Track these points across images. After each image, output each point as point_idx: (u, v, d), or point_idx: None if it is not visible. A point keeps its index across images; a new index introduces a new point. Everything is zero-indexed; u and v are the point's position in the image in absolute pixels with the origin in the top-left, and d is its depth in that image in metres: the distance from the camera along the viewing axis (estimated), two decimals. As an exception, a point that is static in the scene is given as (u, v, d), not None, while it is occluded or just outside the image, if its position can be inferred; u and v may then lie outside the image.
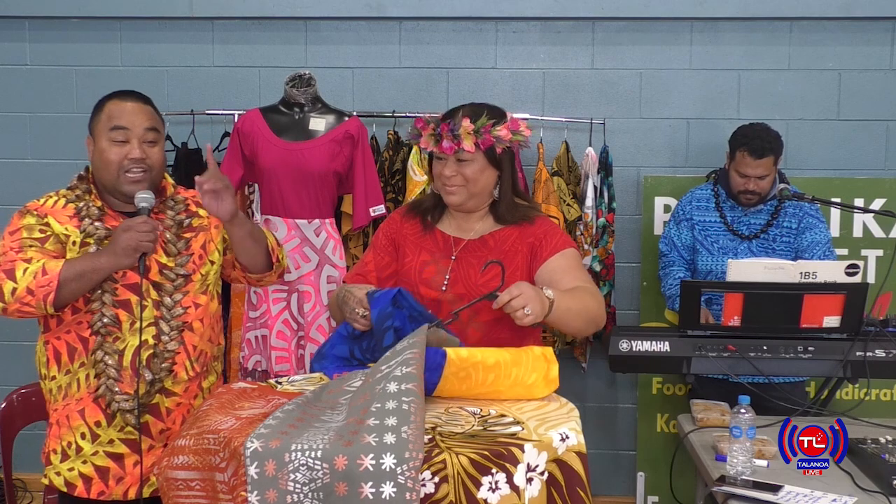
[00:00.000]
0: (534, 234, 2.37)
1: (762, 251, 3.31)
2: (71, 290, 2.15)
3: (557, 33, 4.01)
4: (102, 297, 2.21)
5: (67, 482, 2.25)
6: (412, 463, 1.62)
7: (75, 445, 2.25)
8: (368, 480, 1.62)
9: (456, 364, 2.00)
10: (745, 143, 3.25)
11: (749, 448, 2.32)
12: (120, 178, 2.24)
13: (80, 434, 2.24)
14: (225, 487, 1.77)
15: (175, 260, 2.29)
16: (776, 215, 3.33)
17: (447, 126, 2.28)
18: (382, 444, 1.64)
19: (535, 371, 2.04)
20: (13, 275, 2.12)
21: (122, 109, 2.25)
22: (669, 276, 3.46)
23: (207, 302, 2.35)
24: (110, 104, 2.27)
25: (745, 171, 3.25)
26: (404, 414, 1.70)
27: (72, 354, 2.24)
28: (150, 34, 4.08)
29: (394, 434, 1.65)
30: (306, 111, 3.60)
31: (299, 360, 3.52)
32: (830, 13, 3.87)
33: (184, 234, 2.33)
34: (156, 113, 2.32)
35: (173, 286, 2.28)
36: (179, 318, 2.28)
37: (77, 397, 2.24)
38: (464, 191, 2.33)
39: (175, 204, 2.36)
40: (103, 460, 2.24)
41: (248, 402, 1.99)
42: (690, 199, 3.48)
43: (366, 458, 1.62)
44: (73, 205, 2.28)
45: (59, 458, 2.27)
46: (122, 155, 2.22)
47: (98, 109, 2.29)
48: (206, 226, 2.38)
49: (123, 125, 2.23)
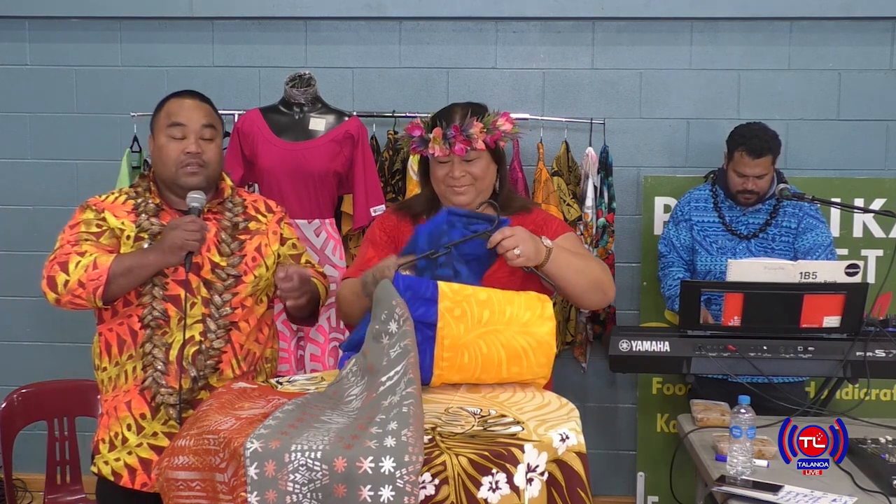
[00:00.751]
0: (533, 221, 2.38)
1: (761, 251, 3.31)
2: (120, 285, 2.20)
3: (557, 33, 4.01)
4: (153, 291, 2.26)
5: (114, 472, 2.30)
6: (411, 467, 1.62)
7: (122, 436, 2.29)
8: (367, 483, 1.62)
9: (449, 297, 2.02)
10: (742, 142, 3.25)
11: (749, 448, 2.32)
12: (178, 173, 2.30)
13: (126, 425, 2.28)
14: (225, 488, 1.77)
15: (228, 260, 2.32)
16: (775, 215, 3.33)
17: (457, 128, 2.27)
18: (382, 448, 1.64)
19: (529, 309, 2.06)
20: (66, 267, 2.19)
21: (181, 106, 2.33)
22: (669, 276, 3.46)
23: (253, 304, 2.37)
24: (170, 102, 2.35)
25: (743, 170, 3.25)
26: (403, 417, 1.70)
27: (121, 346, 2.28)
28: (150, 34, 4.08)
29: (394, 437, 1.65)
30: (306, 111, 3.60)
31: (299, 361, 3.52)
32: (830, 13, 3.87)
33: (239, 235, 2.37)
34: (214, 112, 2.39)
35: (223, 286, 2.31)
36: (227, 317, 2.30)
37: (125, 389, 2.28)
38: (472, 189, 2.33)
39: (233, 206, 2.40)
40: (147, 452, 2.28)
41: (248, 402, 1.99)
42: (689, 199, 3.49)
43: (365, 461, 1.62)
44: (132, 201, 2.34)
45: (107, 448, 2.31)
46: (179, 150, 2.29)
47: (158, 108, 2.37)
48: (264, 230, 2.42)
49: (181, 121, 2.30)
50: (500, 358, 2.04)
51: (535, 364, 2.07)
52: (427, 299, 2.02)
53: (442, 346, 2.01)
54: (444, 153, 2.28)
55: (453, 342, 2.02)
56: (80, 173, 4.16)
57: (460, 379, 2.06)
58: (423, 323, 2.00)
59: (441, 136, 2.27)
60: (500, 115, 2.32)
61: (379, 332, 1.95)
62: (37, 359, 4.20)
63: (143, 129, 3.94)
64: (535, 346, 2.06)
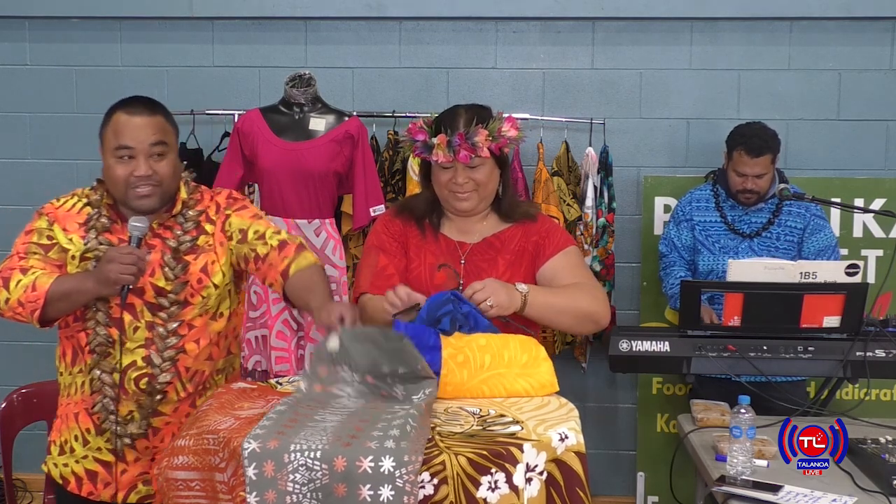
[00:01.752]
0: (537, 232, 2.37)
1: (763, 250, 3.31)
2: (57, 309, 2.13)
3: (557, 33, 4.01)
4: (96, 316, 2.19)
5: (62, 476, 2.29)
6: (411, 466, 1.62)
7: (70, 445, 2.28)
8: (367, 482, 1.62)
9: (452, 344, 2.03)
10: (742, 142, 3.25)
11: (749, 448, 2.32)
12: (128, 194, 2.18)
13: (73, 435, 2.27)
14: (225, 487, 1.77)
15: (171, 285, 2.19)
16: (777, 213, 3.34)
17: (462, 135, 2.23)
18: (382, 448, 1.64)
19: (525, 352, 2.07)
20: (7, 284, 2.14)
21: (128, 125, 2.18)
22: (670, 275, 3.46)
23: (205, 323, 2.24)
24: (117, 117, 2.20)
25: (742, 170, 3.26)
26: (404, 430, 1.71)
27: (74, 358, 2.25)
28: (150, 34, 4.08)
29: (394, 441, 1.65)
30: (306, 111, 3.59)
31: (299, 361, 3.52)
32: (830, 13, 3.87)
33: (185, 256, 2.22)
34: (166, 122, 2.24)
35: (167, 314, 2.20)
36: (173, 346, 2.20)
37: (75, 400, 2.26)
38: (475, 196, 2.31)
39: (185, 221, 2.24)
40: (92, 464, 2.26)
41: (247, 402, 1.99)
42: (690, 199, 3.48)
43: (365, 461, 1.62)
44: (87, 209, 2.25)
45: (57, 451, 2.30)
46: (128, 171, 2.16)
47: (106, 121, 2.23)
48: (212, 245, 2.25)
49: (128, 144, 2.16)
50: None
51: None
52: (430, 347, 2.02)
53: (445, 392, 2.01)
54: (448, 160, 2.25)
55: (455, 388, 2.02)
56: (80, 173, 4.15)
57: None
58: None
59: (445, 142, 2.24)
60: (504, 121, 2.29)
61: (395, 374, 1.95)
62: (37, 359, 4.20)
63: (143, 129, 3.96)
64: (538, 387, 2.07)
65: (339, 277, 3.53)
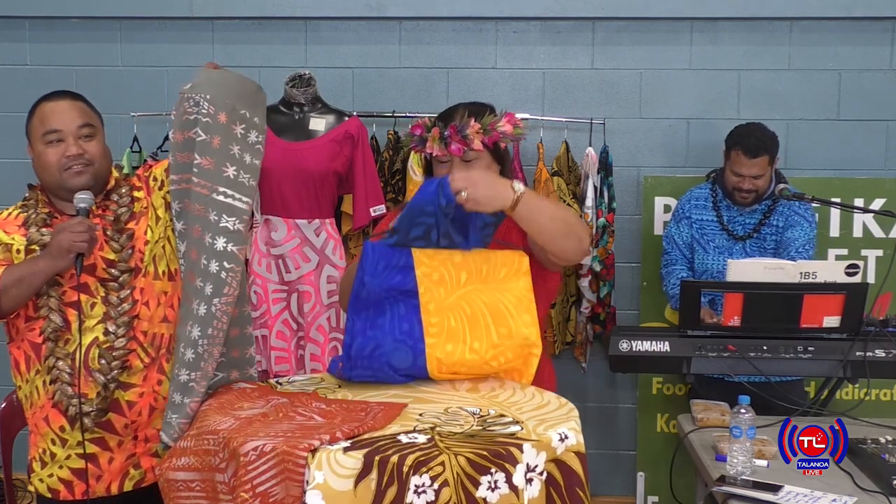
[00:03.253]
0: None
1: (756, 251, 3.31)
2: (12, 297, 2.14)
3: (557, 33, 4.01)
4: (49, 303, 2.19)
5: (50, 488, 2.26)
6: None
7: (49, 451, 2.26)
8: None
9: (425, 263, 2.02)
10: (739, 142, 3.26)
11: (749, 448, 2.32)
12: (62, 176, 2.24)
13: (50, 440, 2.25)
14: (225, 488, 1.77)
15: (119, 255, 2.25)
16: (768, 215, 3.34)
17: (454, 128, 2.24)
18: None
19: (505, 265, 2.05)
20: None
21: (53, 110, 2.27)
22: (671, 274, 3.46)
23: (149, 283, 2.27)
24: (41, 107, 2.29)
25: (739, 170, 3.26)
26: None
27: (28, 363, 2.24)
28: (150, 34, 4.08)
29: None
30: (306, 111, 3.60)
31: (299, 361, 3.52)
32: (830, 13, 3.87)
33: (127, 225, 2.28)
34: (89, 108, 2.33)
35: (118, 283, 2.23)
36: (127, 312, 2.23)
37: (39, 405, 2.25)
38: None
39: (119, 197, 2.31)
40: (77, 462, 2.23)
41: (247, 402, 1.99)
42: (689, 197, 3.49)
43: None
44: (23, 214, 2.29)
45: (39, 466, 2.28)
46: (59, 154, 2.24)
47: (31, 115, 2.31)
48: (146, 206, 2.32)
49: (56, 127, 2.24)
50: (485, 318, 2.04)
51: (522, 324, 2.06)
52: (402, 267, 2.01)
53: (428, 311, 2.00)
54: (441, 153, 2.26)
55: (438, 306, 2.01)
56: (80, 173, 4.16)
57: (452, 348, 2.04)
58: (403, 291, 2.00)
59: (438, 135, 2.26)
60: (503, 117, 2.29)
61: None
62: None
63: (144, 129, 3.96)
64: (515, 302, 2.05)
65: (339, 277, 3.53)
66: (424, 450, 1.70)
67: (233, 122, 2.03)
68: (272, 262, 3.52)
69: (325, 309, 3.52)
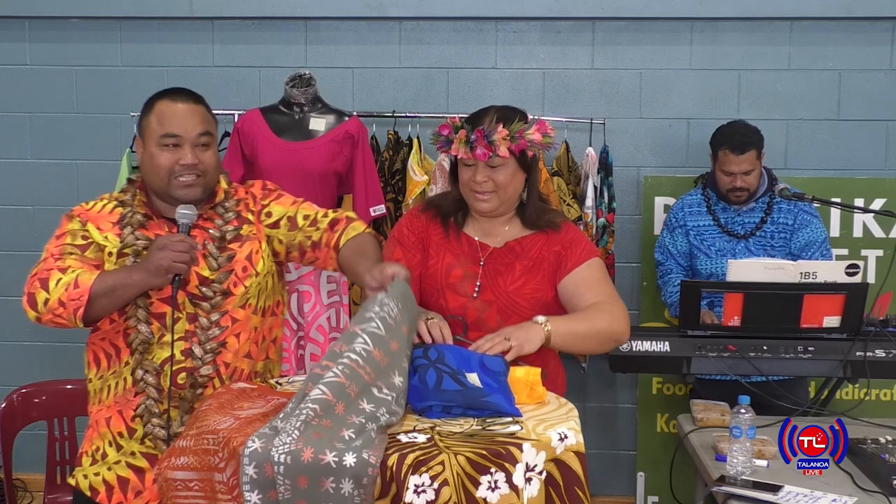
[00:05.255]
0: (560, 241, 2.33)
1: (759, 249, 3.31)
2: (101, 306, 2.04)
3: (557, 33, 4.01)
4: (137, 314, 2.11)
5: (92, 486, 2.18)
6: (373, 460, 1.65)
7: (103, 451, 2.19)
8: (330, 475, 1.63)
9: None
10: (724, 140, 3.27)
11: (749, 448, 2.32)
12: (171, 184, 2.13)
13: (107, 441, 2.19)
14: (224, 488, 1.77)
15: (216, 275, 2.14)
16: (769, 212, 3.33)
17: (481, 132, 2.21)
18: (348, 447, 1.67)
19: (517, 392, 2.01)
20: (47, 285, 2.05)
21: (174, 113, 2.14)
22: (668, 283, 3.44)
23: (246, 317, 2.18)
24: (161, 105, 2.16)
25: (729, 168, 3.26)
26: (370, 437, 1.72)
27: (108, 360, 2.17)
28: (150, 34, 4.08)
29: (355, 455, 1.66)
30: (306, 111, 3.60)
31: (299, 361, 3.52)
32: (830, 13, 3.87)
33: (229, 245, 2.18)
34: (209, 113, 2.21)
35: (210, 304, 2.13)
36: (215, 339, 2.14)
37: (106, 404, 2.18)
38: (495, 197, 2.28)
39: (225, 212, 2.20)
40: (124, 471, 2.17)
41: (247, 402, 1.99)
42: (682, 205, 3.48)
43: (329, 455, 1.64)
44: (119, 209, 2.18)
45: (89, 462, 2.21)
46: (173, 160, 2.12)
47: (148, 110, 2.17)
48: (256, 233, 2.22)
49: (175, 132, 2.12)
50: None
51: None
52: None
53: None
54: (466, 155, 2.23)
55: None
56: (80, 173, 4.16)
57: None
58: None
59: (465, 137, 2.23)
60: (534, 124, 2.27)
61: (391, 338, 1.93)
62: (37, 359, 4.21)
63: (143, 129, 3.96)
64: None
65: (339, 277, 3.53)
66: (424, 449, 1.70)
67: (408, 343, 1.96)
68: (272, 262, 3.52)
69: (325, 309, 3.52)
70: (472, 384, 1.92)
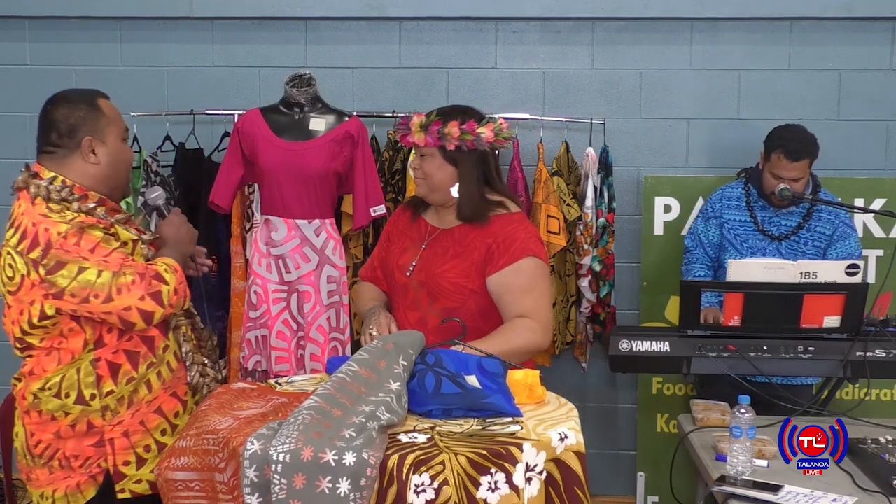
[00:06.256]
0: (493, 235, 2.43)
1: (791, 253, 3.25)
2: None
3: (557, 33, 4.01)
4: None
5: (151, 483, 2.15)
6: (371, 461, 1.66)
7: (155, 445, 2.18)
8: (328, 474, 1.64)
9: None
10: (781, 144, 3.18)
11: (749, 448, 2.32)
12: (129, 176, 2.34)
13: (159, 432, 2.18)
14: (224, 488, 1.77)
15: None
16: (808, 218, 3.28)
17: (406, 121, 2.45)
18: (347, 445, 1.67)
19: (517, 394, 2.04)
20: (162, 277, 2.09)
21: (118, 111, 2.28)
22: (690, 272, 3.40)
23: None
24: (105, 103, 2.24)
25: (780, 172, 3.20)
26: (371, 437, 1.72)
27: (135, 360, 2.15)
28: (150, 34, 4.08)
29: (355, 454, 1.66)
30: (306, 111, 3.59)
31: (299, 361, 3.52)
32: (830, 13, 3.87)
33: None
34: None
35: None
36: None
37: (147, 399, 2.18)
38: (424, 184, 2.47)
39: None
40: None
41: (247, 402, 1.99)
42: (721, 196, 3.44)
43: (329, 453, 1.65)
44: (105, 220, 2.16)
45: (134, 468, 2.17)
46: (131, 153, 2.33)
47: (94, 109, 2.20)
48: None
49: (125, 126, 2.29)
50: None
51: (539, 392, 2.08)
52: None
53: None
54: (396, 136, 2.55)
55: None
56: (80, 173, 4.16)
57: None
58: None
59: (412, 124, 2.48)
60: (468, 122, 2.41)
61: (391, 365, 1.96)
62: (37, 359, 4.20)
63: (144, 129, 3.96)
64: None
65: (339, 277, 3.53)
66: (424, 449, 1.70)
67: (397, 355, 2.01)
68: (272, 262, 3.51)
69: (325, 309, 3.52)
70: (471, 386, 1.92)
